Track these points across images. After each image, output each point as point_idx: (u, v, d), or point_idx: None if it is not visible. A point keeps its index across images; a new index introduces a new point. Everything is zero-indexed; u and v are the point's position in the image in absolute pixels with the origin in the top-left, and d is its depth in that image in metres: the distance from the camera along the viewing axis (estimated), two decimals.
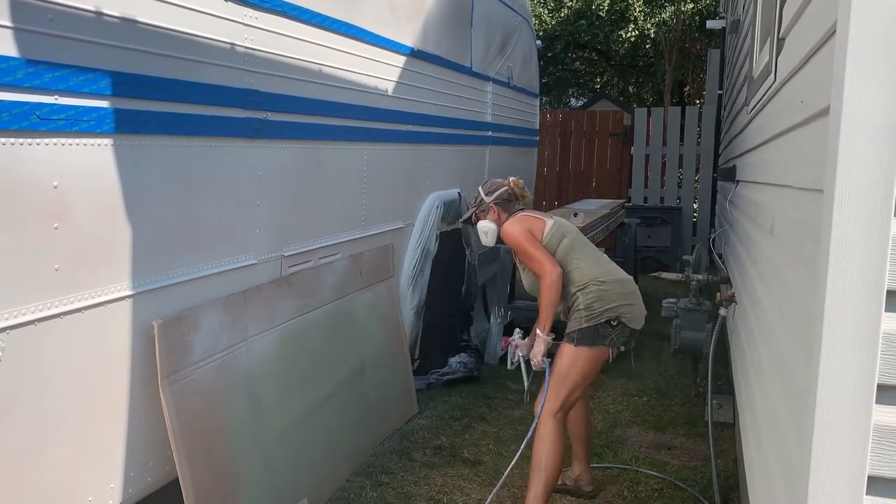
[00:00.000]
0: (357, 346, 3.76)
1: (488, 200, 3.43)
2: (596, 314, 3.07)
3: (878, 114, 1.20)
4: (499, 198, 3.42)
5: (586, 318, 3.08)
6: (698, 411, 4.50)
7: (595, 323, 3.07)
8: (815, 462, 1.29)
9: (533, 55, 7.22)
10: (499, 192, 3.43)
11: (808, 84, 1.75)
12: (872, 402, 1.25)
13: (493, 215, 3.43)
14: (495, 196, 3.42)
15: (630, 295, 3.15)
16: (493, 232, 3.42)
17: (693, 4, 14.17)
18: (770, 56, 2.64)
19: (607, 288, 3.12)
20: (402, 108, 4.24)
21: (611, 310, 3.08)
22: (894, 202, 1.21)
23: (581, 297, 3.11)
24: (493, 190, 3.45)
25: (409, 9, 4.29)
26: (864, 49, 1.20)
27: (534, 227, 3.25)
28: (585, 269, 3.18)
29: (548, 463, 3.06)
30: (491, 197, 3.43)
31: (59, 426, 2.07)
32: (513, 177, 3.50)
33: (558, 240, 3.23)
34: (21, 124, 1.87)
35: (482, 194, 3.47)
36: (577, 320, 3.10)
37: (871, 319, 1.24)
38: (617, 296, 3.12)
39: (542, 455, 3.07)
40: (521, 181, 3.50)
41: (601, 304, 3.08)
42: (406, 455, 3.79)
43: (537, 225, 3.27)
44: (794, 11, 2.04)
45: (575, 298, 3.13)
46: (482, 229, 3.45)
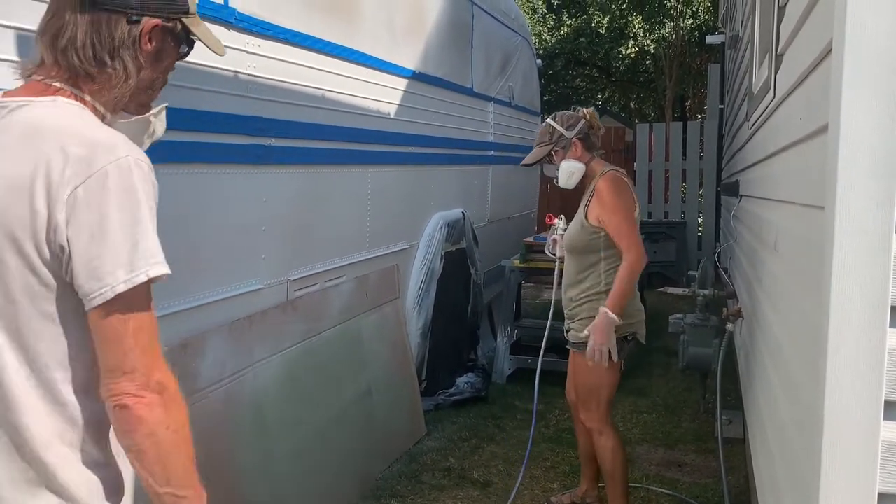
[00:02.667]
0: (364, 369, 3.76)
1: (570, 135, 3.04)
2: (623, 326, 2.90)
3: (876, 131, 1.21)
4: (580, 131, 3.05)
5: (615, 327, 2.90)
6: (708, 427, 4.48)
7: (621, 336, 2.92)
8: (825, 479, 1.28)
9: (533, 74, 7.27)
10: (580, 126, 3.05)
11: (807, 101, 1.76)
12: (880, 419, 1.24)
13: (576, 152, 3.04)
14: (577, 130, 3.04)
15: (642, 312, 3.07)
16: (579, 172, 3.03)
17: (692, 20, 14.27)
18: (769, 72, 2.66)
19: (636, 300, 2.99)
20: (404, 130, 4.27)
21: (632, 325, 2.97)
22: (895, 217, 1.22)
23: (605, 301, 2.92)
24: (573, 123, 3.06)
25: (410, 32, 4.34)
26: (860, 67, 1.21)
27: (631, 200, 2.96)
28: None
29: (620, 471, 3.05)
30: (573, 131, 3.04)
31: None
32: (587, 108, 3.17)
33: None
34: None
35: (560, 128, 3.06)
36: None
37: (877, 335, 1.24)
38: (637, 311, 3.01)
39: (610, 464, 3.04)
40: (593, 110, 3.17)
41: (630, 315, 2.94)
42: (415, 477, 3.78)
43: (633, 199, 2.98)
44: (791, 29, 2.05)
45: (595, 299, 2.94)
46: (568, 169, 3.02)
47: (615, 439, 3.07)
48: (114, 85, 1.25)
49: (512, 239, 6.21)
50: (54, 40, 1.21)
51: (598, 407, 3.04)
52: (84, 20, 1.20)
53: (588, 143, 3.07)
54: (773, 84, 2.55)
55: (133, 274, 1.11)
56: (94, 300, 1.10)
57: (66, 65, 1.22)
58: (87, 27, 1.20)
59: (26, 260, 1.12)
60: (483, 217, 5.83)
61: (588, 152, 3.07)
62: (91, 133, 1.17)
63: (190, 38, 1.34)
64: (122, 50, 1.23)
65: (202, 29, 1.34)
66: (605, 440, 3.05)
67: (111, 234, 1.10)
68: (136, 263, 1.12)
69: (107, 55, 1.22)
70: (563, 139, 3.05)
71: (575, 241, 3.03)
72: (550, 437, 4.36)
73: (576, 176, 3.03)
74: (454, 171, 5.21)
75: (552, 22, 15.34)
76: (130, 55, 1.24)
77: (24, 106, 1.18)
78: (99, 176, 1.11)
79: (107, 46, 1.22)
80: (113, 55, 1.23)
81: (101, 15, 1.21)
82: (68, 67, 1.22)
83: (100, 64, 1.22)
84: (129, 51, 1.24)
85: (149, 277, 1.13)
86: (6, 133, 1.16)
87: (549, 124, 3.09)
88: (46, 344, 1.15)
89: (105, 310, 1.11)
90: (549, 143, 3.08)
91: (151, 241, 1.15)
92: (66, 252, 1.10)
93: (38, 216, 1.10)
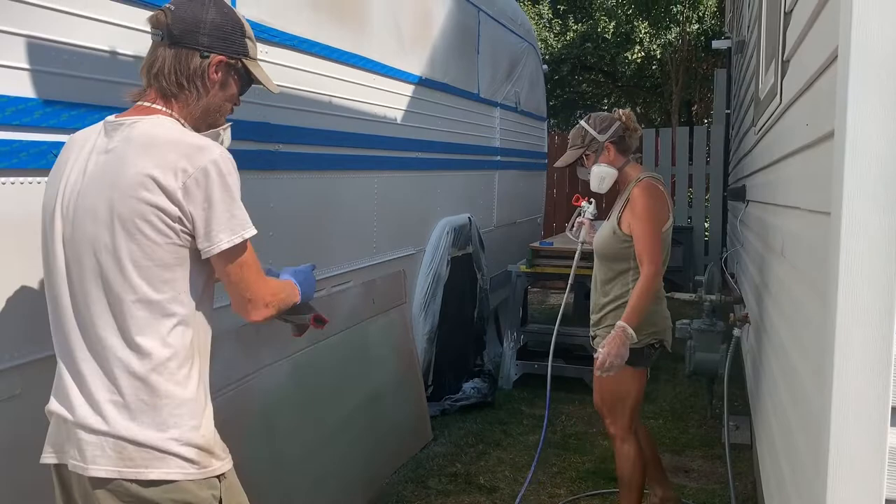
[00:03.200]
0: (371, 374, 3.77)
1: (602, 139, 2.98)
2: (647, 334, 2.90)
3: (882, 137, 1.21)
4: (614, 135, 2.99)
5: (640, 335, 2.86)
6: (715, 433, 4.46)
7: (647, 343, 2.91)
8: (832, 485, 1.28)
9: (539, 79, 7.27)
10: (614, 129, 2.99)
11: (813, 107, 1.76)
12: (887, 426, 1.24)
13: (609, 156, 2.99)
14: (610, 133, 2.99)
15: (668, 318, 3.03)
16: (611, 178, 2.98)
17: (698, 25, 14.26)
18: (775, 78, 2.66)
19: (663, 307, 2.95)
20: (410, 135, 4.28)
21: (657, 333, 2.93)
22: None
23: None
24: (607, 126, 3.00)
25: (416, 38, 4.35)
26: (866, 73, 1.21)
27: (665, 211, 2.91)
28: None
29: (637, 480, 3.02)
30: (606, 135, 2.98)
31: None
32: (623, 109, 3.10)
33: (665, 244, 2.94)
34: (38, 164, 1.91)
35: (592, 131, 3.00)
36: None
37: (883, 341, 1.24)
38: (663, 318, 2.98)
39: (629, 473, 3.02)
40: (632, 113, 3.09)
41: (653, 323, 2.91)
42: (421, 483, 3.78)
43: (666, 210, 2.93)
44: (797, 34, 2.06)
45: (623, 307, 2.90)
46: (598, 174, 2.98)
47: (637, 448, 3.05)
48: (190, 103, 1.66)
49: (518, 244, 6.21)
50: (150, 68, 1.65)
51: (624, 415, 3.02)
52: (170, 54, 1.64)
53: (622, 147, 3.03)
54: (779, 90, 2.55)
55: (234, 236, 1.56)
56: (209, 252, 1.55)
57: (157, 87, 1.64)
58: (171, 59, 1.64)
59: (153, 225, 1.51)
60: (489, 222, 5.84)
61: (622, 156, 3.03)
62: (190, 139, 1.58)
63: (250, 78, 1.75)
64: (195, 77, 1.65)
65: (258, 70, 1.76)
66: (628, 448, 3.03)
67: (216, 208, 1.54)
68: (235, 228, 1.56)
69: (184, 80, 1.64)
70: (595, 143, 3.00)
71: (605, 248, 3.00)
72: (557, 443, 4.36)
73: (607, 181, 2.98)
74: (460, 177, 5.22)
75: (558, 27, 15.35)
76: (201, 82, 1.66)
77: (136, 123, 1.60)
78: (202, 169, 1.52)
79: (184, 73, 1.64)
80: (189, 81, 1.65)
81: (181, 51, 1.64)
82: (158, 88, 1.65)
83: (179, 87, 1.64)
84: (200, 79, 1.66)
85: (243, 239, 1.58)
86: (131, 143, 1.55)
87: (582, 127, 3.04)
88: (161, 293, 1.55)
89: (221, 260, 1.57)
90: (581, 146, 3.03)
91: (241, 212, 1.58)
92: (186, 222, 1.53)
93: (162, 195, 1.50)
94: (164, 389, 1.53)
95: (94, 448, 1.50)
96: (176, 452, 1.53)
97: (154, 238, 1.51)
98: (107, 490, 1.50)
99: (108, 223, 1.52)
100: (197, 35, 1.64)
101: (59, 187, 1.61)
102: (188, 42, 1.63)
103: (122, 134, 1.58)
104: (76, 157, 1.61)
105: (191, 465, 1.55)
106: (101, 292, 1.54)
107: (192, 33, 1.63)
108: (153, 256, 1.52)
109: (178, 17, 1.63)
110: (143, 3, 2.21)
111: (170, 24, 1.62)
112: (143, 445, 1.50)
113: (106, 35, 2.11)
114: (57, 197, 1.61)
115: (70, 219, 1.57)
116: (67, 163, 1.62)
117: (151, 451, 1.51)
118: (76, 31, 2.02)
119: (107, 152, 1.57)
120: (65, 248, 1.58)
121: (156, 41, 1.65)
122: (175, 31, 1.62)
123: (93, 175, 1.56)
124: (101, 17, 2.09)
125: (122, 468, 1.49)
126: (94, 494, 1.51)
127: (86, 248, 1.55)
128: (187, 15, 1.64)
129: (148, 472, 1.50)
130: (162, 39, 1.64)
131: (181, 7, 1.65)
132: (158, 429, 1.52)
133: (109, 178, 1.53)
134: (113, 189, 1.52)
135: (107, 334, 1.53)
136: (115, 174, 1.53)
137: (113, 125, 1.61)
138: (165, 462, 1.52)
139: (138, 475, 1.49)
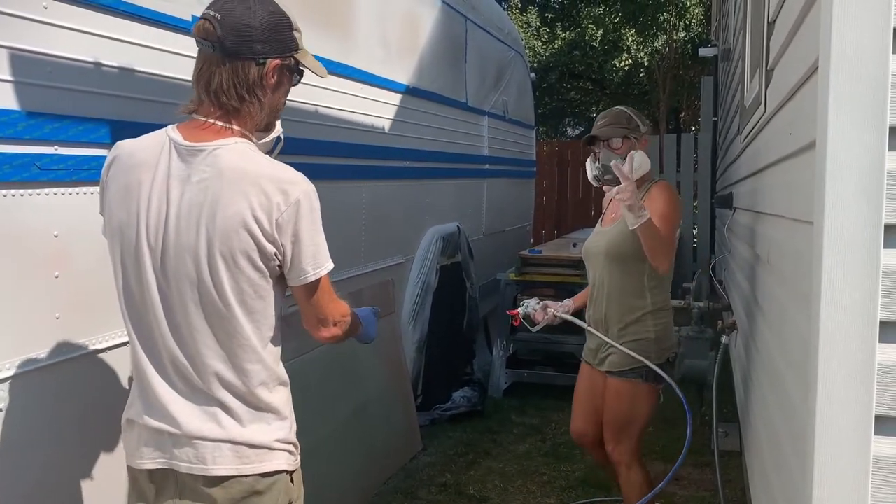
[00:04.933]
0: (359, 384, 3.75)
1: (643, 130, 2.93)
2: (665, 349, 2.79)
3: (862, 147, 1.22)
4: (647, 133, 2.95)
5: (656, 352, 2.76)
6: (705, 440, 4.47)
7: (662, 360, 2.78)
8: (817, 494, 1.29)
9: (527, 87, 7.30)
10: (645, 128, 2.94)
11: (795, 116, 1.77)
12: (871, 434, 1.25)
13: (645, 147, 2.94)
14: (645, 130, 2.94)
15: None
16: (646, 168, 2.83)
17: (685, 33, 14.36)
18: (760, 87, 2.68)
19: (670, 321, 2.84)
20: (398, 144, 4.28)
21: (672, 347, 2.83)
22: (882, 233, 1.23)
23: (652, 321, 2.78)
24: (643, 122, 2.95)
25: (403, 47, 4.36)
26: (846, 84, 1.22)
27: (680, 216, 2.85)
28: (667, 286, 2.82)
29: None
30: (644, 129, 2.93)
31: (63, 472, 2.06)
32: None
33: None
34: (22, 175, 1.90)
35: (636, 119, 2.92)
36: (641, 350, 2.75)
37: (866, 350, 1.25)
38: (674, 332, 2.88)
39: (638, 499, 2.84)
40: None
41: (668, 337, 2.81)
42: (411, 494, 3.76)
43: (681, 215, 2.88)
44: (780, 44, 2.07)
45: (642, 321, 2.79)
46: (640, 160, 2.81)
47: (645, 473, 2.90)
48: (253, 114, 1.67)
49: (507, 252, 6.22)
50: (208, 86, 1.63)
51: (632, 438, 2.85)
52: (226, 70, 1.61)
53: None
54: (763, 98, 2.56)
55: (318, 269, 1.66)
56: (294, 283, 1.66)
57: (218, 103, 1.63)
58: (229, 74, 1.61)
59: (249, 259, 1.58)
60: (478, 230, 5.84)
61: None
62: (281, 173, 1.62)
63: (300, 67, 1.73)
64: (254, 87, 1.64)
65: (309, 59, 1.75)
66: (635, 475, 2.87)
67: (303, 242, 1.61)
68: (319, 262, 1.65)
69: (245, 92, 1.63)
70: (638, 130, 2.91)
71: (623, 247, 2.81)
72: (547, 452, 4.35)
73: (642, 169, 2.81)
74: (449, 185, 5.22)
75: (546, 35, 15.42)
76: (260, 90, 1.65)
77: (218, 151, 1.60)
78: (294, 204, 1.59)
79: (244, 86, 1.63)
80: (249, 92, 1.64)
81: (237, 63, 1.61)
82: (220, 105, 1.63)
83: (240, 100, 1.63)
84: (259, 87, 1.65)
85: (326, 272, 1.68)
86: (223, 178, 1.58)
87: (625, 111, 2.95)
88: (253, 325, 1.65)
89: (303, 289, 1.68)
90: (627, 127, 2.89)
91: (324, 244, 1.66)
92: (278, 255, 1.61)
93: (259, 233, 1.57)
94: (266, 401, 1.71)
95: (212, 450, 1.64)
96: (280, 449, 1.73)
97: (251, 274, 1.59)
98: (222, 487, 1.65)
99: (209, 260, 1.58)
100: (251, 44, 1.61)
101: (139, 213, 1.62)
102: (244, 53, 1.61)
103: (206, 163, 1.59)
104: (152, 181, 1.61)
105: (291, 457, 1.78)
106: (205, 324, 1.62)
107: (246, 42, 1.60)
108: (253, 289, 1.61)
109: (228, 27, 1.58)
110: (128, 14, 2.20)
111: (221, 37, 1.58)
112: (256, 447, 1.68)
113: (90, 46, 2.10)
114: (139, 225, 1.62)
115: (161, 251, 1.61)
116: (141, 185, 1.62)
117: (262, 450, 1.69)
118: (59, 41, 2.01)
119: (195, 183, 1.59)
120: (157, 278, 1.63)
121: (206, 53, 1.63)
122: (228, 44, 1.59)
123: (184, 209, 1.58)
124: (84, 28, 2.09)
125: (239, 465, 1.66)
126: (209, 492, 1.65)
127: (185, 283, 1.61)
128: (237, 22, 1.59)
129: (262, 467, 1.68)
130: (214, 51, 1.60)
131: (228, 14, 1.59)
132: (265, 432, 1.70)
133: (207, 215, 1.57)
134: (211, 227, 1.57)
135: (213, 362, 1.64)
136: (212, 212, 1.57)
137: (189, 150, 1.61)
138: (274, 457, 1.71)
139: (254, 470, 1.67)
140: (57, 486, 2.07)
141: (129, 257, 1.65)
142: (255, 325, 1.65)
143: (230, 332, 1.63)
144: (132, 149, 1.69)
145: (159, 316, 1.64)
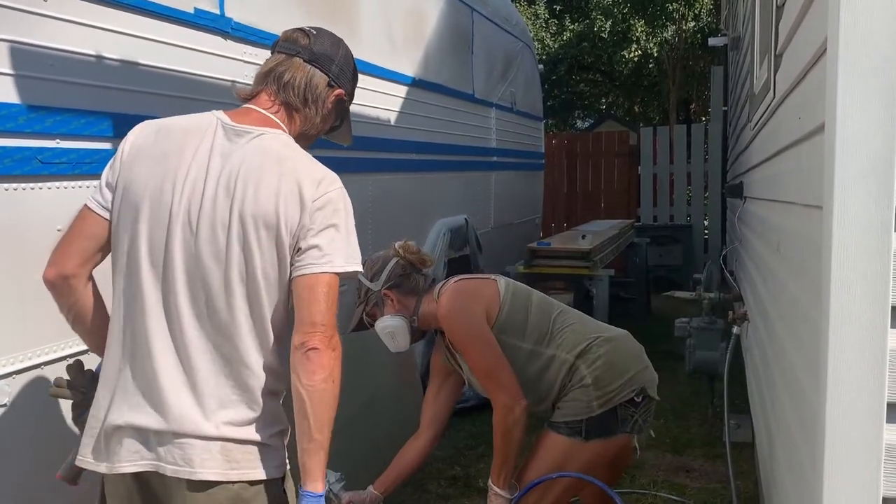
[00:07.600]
0: (368, 378, 3.74)
1: (377, 288, 2.39)
2: (613, 391, 2.26)
3: (871, 128, 1.19)
4: (391, 278, 2.40)
5: (599, 400, 2.25)
6: (716, 432, 4.44)
7: (614, 405, 2.26)
8: (828, 484, 1.26)
9: (535, 79, 7.26)
10: (388, 271, 2.40)
11: (805, 100, 1.74)
12: (883, 422, 1.22)
13: (393, 306, 2.39)
14: (385, 277, 2.39)
15: (642, 353, 2.41)
16: (402, 330, 2.38)
17: (695, 23, 14.24)
18: (769, 72, 2.64)
19: (616, 346, 2.33)
20: (405, 137, 4.26)
21: (630, 381, 2.28)
22: (894, 216, 1.20)
23: (584, 366, 2.28)
24: (379, 270, 2.41)
25: (409, 39, 4.33)
26: (854, 65, 1.19)
27: (487, 298, 2.34)
28: (578, 325, 2.36)
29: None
30: (379, 282, 2.39)
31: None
32: (399, 241, 2.52)
33: (525, 297, 2.40)
34: (23, 169, 1.89)
35: (365, 282, 2.40)
36: (582, 404, 2.26)
37: (878, 337, 1.22)
38: (629, 358, 2.35)
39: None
40: (412, 243, 2.50)
41: (614, 373, 2.27)
42: (421, 486, 3.76)
43: (487, 290, 2.37)
44: (789, 28, 2.04)
45: (574, 372, 2.29)
46: (385, 331, 2.39)
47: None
48: (306, 119, 1.76)
49: (516, 245, 6.19)
50: (280, 78, 1.72)
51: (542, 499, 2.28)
52: (305, 71, 1.74)
53: (407, 287, 2.41)
54: (772, 84, 2.53)
55: (346, 264, 1.63)
56: (312, 268, 1.59)
57: (284, 97, 1.72)
58: (305, 75, 1.73)
59: (277, 241, 1.59)
60: (486, 223, 5.82)
61: (410, 297, 2.41)
62: (317, 167, 1.68)
63: (343, 117, 1.89)
64: (318, 99, 1.76)
65: (349, 118, 1.94)
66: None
67: (336, 237, 1.63)
68: (349, 259, 1.64)
69: (310, 97, 1.74)
70: (372, 294, 2.41)
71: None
72: None
73: (400, 335, 2.38)
74: (456, 178, 5.19)
75: (554, 27, 15.33)
76: (322, 106, 1.77)
77: (263, 135, 1.66)
78: (327, 197, 1.64)
79: (312, 92, 1.74)
80: (313, 100, 1.75)
81: (316, 71, 1.75)
82: (284, 99, 1.72)
83: (304, 102, 1.73)
84: (321, 103, 1.77)
85: (352, 270, 1.65)
86: (262, 153, 1.63)
87: (358, 279, 2.41)
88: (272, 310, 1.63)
89: (317, 279, 1.59)
90: (361, 301, 2.43)
91: (355, 245, 1.69)
92: (301, 245, 1.60)
93: (291, 216, 1.59)
94: (266, 398, 1.66)
95: (201, 451, 1.58)
96: (273, 452, 1.67)
97: (272, 258, 1.60)
98: (206, 493, 1.59)
99: (242, 237, 1.59)
100: (331, 64, 1.77)
101: (176, 181, 1.60)
102: (324, 66, 1.75)
103: (251, 144, 1.64)
104: (194, 152, 1.63)
105: (281, 463, 1.71)
106: (225, 304, 1.60)
107: (329, 60, 1.76)
108: (276, 275, 1.61)
109: (319, 42, 1.76)
110: (129, 6, 2.19)
111: (311, 46, 1.75)
112: (247, 442, 1.62)
113: (91, 38, 2.09)
114: (173, 193, 1.60)
115: (196, 223, 1.60)
116: (183, 153, 1.62)
117: (253, 451, 1.63)
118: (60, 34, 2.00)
119: (236, 160, 1.62)
120: (185, 247, 1.60)
121: (284, 55, 1.75)
122: (316, 51, 1.75)
123: (222, 182, 1.60)
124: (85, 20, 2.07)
125: (227, 470, 1.60)
126: (193, 496, 1.59)
127: (210, 257, 1.60)
128: (326, 43, 1.78)
129: (254, 473, 1.63)
130: (297, 55, 1.74)
131: (321, 35, 1.78)
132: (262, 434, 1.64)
133: (241, 193, 1.59)
134: (244, 206, 1.58)
135: (245, 346, 1.61)
136: (245, 191, 1.59)
137: (235, 130, 1.66)
138: (269, 458, 1.65)
139: (243, 476, 1.61)
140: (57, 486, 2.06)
141: (152, 221, 1.61)
142: (271, 307, 1.62)
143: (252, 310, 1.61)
144: (175, 121, 1.72)
145: (178, 287, 1.59)
